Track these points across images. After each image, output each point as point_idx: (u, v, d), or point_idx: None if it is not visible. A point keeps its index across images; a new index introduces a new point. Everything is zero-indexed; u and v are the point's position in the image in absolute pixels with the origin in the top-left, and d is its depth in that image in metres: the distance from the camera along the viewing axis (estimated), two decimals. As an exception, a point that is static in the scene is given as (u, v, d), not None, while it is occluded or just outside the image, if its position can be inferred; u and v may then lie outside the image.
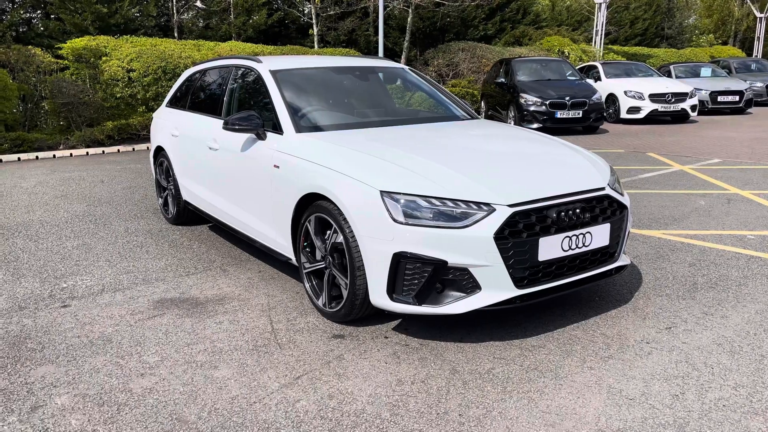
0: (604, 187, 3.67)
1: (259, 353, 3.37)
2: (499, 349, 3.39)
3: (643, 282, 4.38)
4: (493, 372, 3.13)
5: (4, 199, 7.57)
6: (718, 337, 3.48)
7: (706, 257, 4.91)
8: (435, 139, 4.19)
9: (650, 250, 5.13)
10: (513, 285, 3.29)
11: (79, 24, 15.10)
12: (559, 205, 3.41)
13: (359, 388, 2.99)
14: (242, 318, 3.86)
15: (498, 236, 3.21)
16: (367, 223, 3.35)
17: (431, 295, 3.29)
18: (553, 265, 3.41)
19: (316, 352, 3.39)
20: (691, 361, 3.21)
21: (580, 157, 3.99)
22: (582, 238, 3.47)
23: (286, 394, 2.94)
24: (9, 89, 11.85)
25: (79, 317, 3.91)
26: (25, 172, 9.70)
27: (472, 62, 18.66)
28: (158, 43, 13.89)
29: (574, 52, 21.11)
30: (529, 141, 4.37)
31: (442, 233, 3.20)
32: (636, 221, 6.06)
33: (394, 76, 5.32)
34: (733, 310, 3.86)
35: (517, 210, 3.28)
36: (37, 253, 5.32)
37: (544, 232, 3.33)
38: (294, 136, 4.13)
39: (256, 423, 2.71)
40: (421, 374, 3.12)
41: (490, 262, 3.22)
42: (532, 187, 3.43)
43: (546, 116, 13.46)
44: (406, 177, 3.40)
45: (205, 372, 3.17)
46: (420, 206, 3.26)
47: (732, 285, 4.29)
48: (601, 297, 4.11)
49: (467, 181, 3.39)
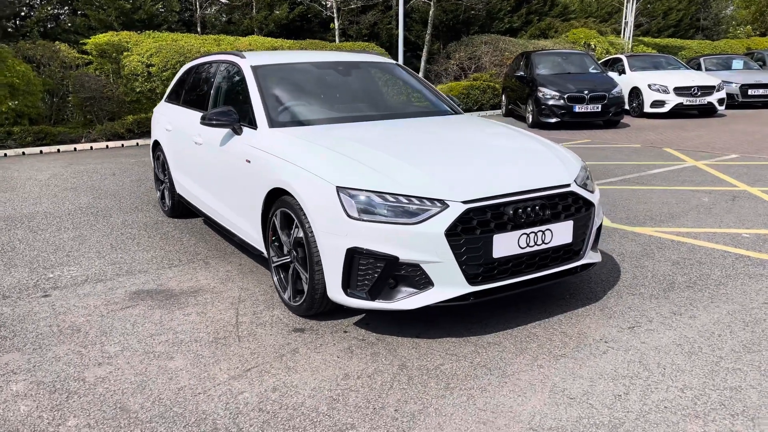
0: (569, 184, 3.63)
1: (217, 345, 3.44)
2: (454, 345, 3.38)
3: (619, 280, 4.31)
4: (441, 368, 3.13)
5: (16, 191, 7.82)
6: (679, 337, 3.42)
7: (692, 256, 4.80)
8: (405, 135, 4.19)
9: (637, 247, 5.04)
10: (466, 282, 3.28)
11: (103, 20, 15.45)
12: (517, 202, 3.38)
13: (305, 382, 3.03)
14: (210, 310, 3.93)
15: (450, 233, 3.20)
16: (323, 219, 3.38)
17: (384, 290, 3.31)
18: (510, 262, 3.39)
19: (272, 345, 3.43)
20: (644, 361, 3.16)
21: (548, 153, 3.95)
22: (541, 235, 3.44)
23: (231, 386, 2.99)
24: (33, 84, 12.20)
25: (56, 307, 4.03)
26: (43, 164, 10.00)
27: (495, 55, 18.48)
28: (178, 39, 14.12)
29: (601, 44, 20.71)
30: (500, 137, 4.33)
31: (394, 229, 3.21)
32: (631, 218, 5.96)
33: (380, 71, 5.32)
34: (704, 310, 3.78)
35: (471, 207, 3.26)
36: (34, 243, 5.49)
37: (499, 229, 3.31)
38: (266, 131, 4.18)
39: (194, 413, 2.77)
40: (369, 369, 3.14)
41: (441, 259, 3.21)
42: (489, 184, 3.41)
43: (564, 110, 13.26)
44: (364, 173, 3.42)
45: (161, 362, 3.25)
46: (374, 202, 3.27)
47: (710, 284, 4.20)
48: (571, 294, 4.07)
49: (424, 178, 3.38)
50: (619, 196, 6.92)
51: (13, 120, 11.83)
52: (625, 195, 6.95)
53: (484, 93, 17.15)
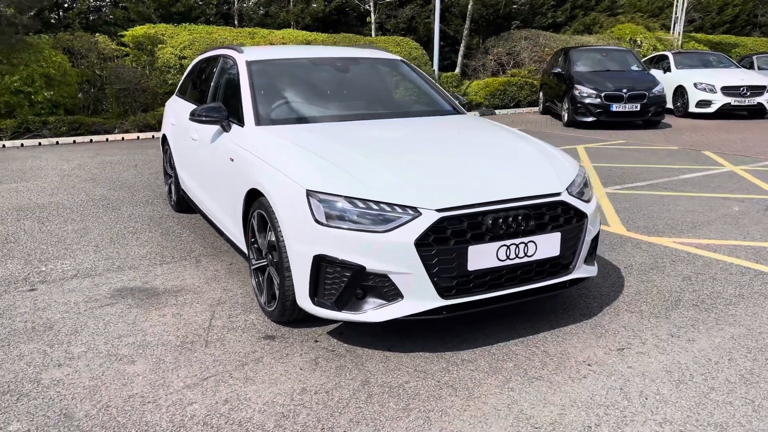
0: (559, 193, 3.38)
1: (183, 350, 3.34)
2: (425, 360, 3.20)
3: (620, 295, 4.04)
4: (406, 386, 2.96)
5: (38, 181, 7.94)
6: (671, 363, 3.15)
7: (707, 271, 4.48)
8: (393, 136, 4.01)
9: (648, 259, 4.74)
10: (437, 295, 3.09)
11: (142, 12, 15.67)
12: (497, 212, 3.16)
13: (259, 395, 2.89)
14: (187, 312, 3.84)
15: (420, 243, 3.01)
16: (293, 223, 3.24)
17: (351, 301, 3.14)
18: (488, 275, 3.18)
19: (238, 352, 3.31)
20: (626, 388, 2.91)
21: (541, 159, 3.70)
22: (524, 247, 3.21)
23: (184, 396, 2.88)
24: (68, 75, 12.44)
25: (37, 302, 4.01)
26: (73, 154, 10.17)
27: (534, 51, 18.00)
28: (213, 31, 14.20)
29: (648, 40, 19.95)
30: (493, 140, 4.10)
31: (361, 237, 3.04)
32: (649, 226, 5.62)
33: (383, 68, 5.12)
34: (706, 333, 3.48)
35: (445, 215, 3.06)
36: (37, 235, 5.52)
37: (475, 239, 3.10)
38: (252, 129, 4.06)
39: (137, 425, 2.67)
40: (329, 384, 2.99)
41: (410, 270, 3.03)
42: (469, 191, 3.20)
43: (600, 109, 12.80)
44: (337, 177, 3.25)
45: (120, 366, 3.17)
46: (343, 208, 3.10)
47: (720, 304, 3.88)
48: (564, 310, 3.82)
49: (400, 183, 3.20)
50: (642, 202, 6.57)
51: (49, 110, 12.08)
52: (649, 201, 6.59)
53: (522, 90, 16.73)
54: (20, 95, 11.69)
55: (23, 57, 11.77)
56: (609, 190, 7.16)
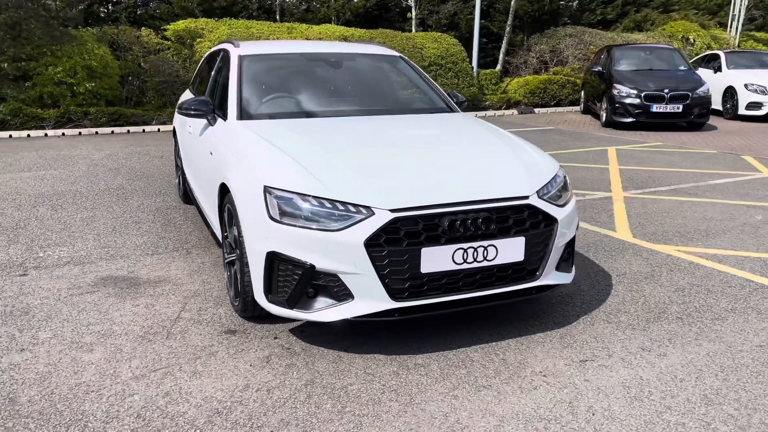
0: (526, 196, 3.26)
1: (143, 341, 3.38)
2: (377, 363, 3.14)
3: (603, 304, 3.88)
4: (349, 388, 2.91)
5: (66, 169, 8.22)
6: (632, 378, 2.99)
7: (704, 282, 4.25)
8: (367, 134, 3.95)
9: (645, 267, 4.53)
10: (388, 296, 3.02)
11: (185, 6, 16.03)
12: (456, 213, 3.07)
13: (201, 390, 2.89)
14: (160, 303, 3.88)
15: (371, 243, 2.95)
16: (251, 219, 3.23)
17: (302, 299, 3.11)
18: (443, 278, 3.09)
19: (196, 345, 3.33)
20: (575, 403, 2.78)
21: (514, 160, 3.57)
22: (483, 251, 3.11)
23: (127, 387, 2.91)
24: (110, 67, 12.82)
25: (24, 287, 4.13)
26: (107, 144, 10.49)
27: (579, 49, 17.53)
28: (251, 26, 14.38)
29: (701, 38, 19.15)
30: (470, 140, 3.99)
31: (312, 235, 3.01)
32: (658, 233, 5.38)
33: (380, 64, 5.05)
34: (681, 348, 3.30)
35: (399, 216, 2.99)
36: (46, 222, 5.70)
37: (430, 241, 3.02)
38: (233, 123, 4.08)
39: (74, 413, 2.71)
40: (274, 382, 2.96)
41: (360, 270, 2.98)
42: (426, 191, 3.12)
43: (640, 110, 12.36)
44: (295, 173, 3.22)
45: (78, 354, 3.22)
46: (297, 205, 3.07)
47: (707, 318, 3.68)
48: (537, 317, 3.69)
49: (357, 182, 3.14)
50: (659, 207, 6.30)
51: (91, 101, 12.48)
52: (667, 207, 6.32)
53: (563, 88, 16.34)
54: (63, 86, 12.11)
55: (67, 49, 12.19)
56: (627, 194, 6.90)
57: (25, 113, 11.74)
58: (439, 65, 14.89)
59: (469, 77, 15.27)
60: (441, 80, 14.88)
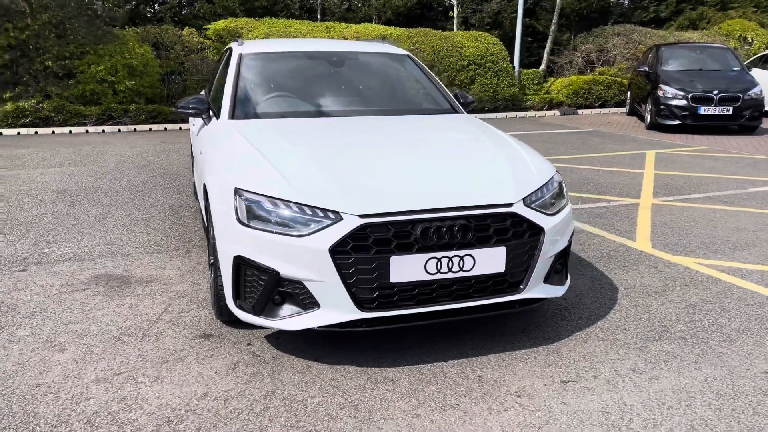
0: (510, 204, 3.06)
1: (116, 342, 3.33)
2: (345, 375, 3.00)
3: (602, 320, 3.63)
4: (308, 401, 2.78)
5: (95, 165, 8.38)
6: (615, 403, 2.76)
7: (720, 299, 3.94)
8: (354, 135, 3.81)
9: (658, 281, 4.25)
10: (355, 306, 2.88)
11: (227, 6, 16.22)
12: (430, 220, 2.90)
13: (158, 396, 2.82)
14: (145, 303, 3.85)
15: (337, 250, 2.82)
16: (221, 221, 3.14)
17: (268, 306, 3.00)
18: (415, 288, 2.93)
19: (167, 349, 3.27)
20: (545, 428, 2.58)
21: (503, 166, 3.36)
22: (458, 261, 2.93)
23: (86, 390, 2.86)
24: (150, 66, 13.06)
25: (19, 283, 4.17)
26: (141, 141, 10.67)
27: (627, 48, 16.92)
28: (290, 25, 14.43)
29: (760, 37, 18.19)
30: (462, 142, 3.81)
31: (278, 240, 2.89)
32: (681, 244, 5.06)
33: (385, 63, 4.90)
34: (677, 371, 3.04)
35: (368, 222, 2.85)
36: (61, 217, 5.79)
37: (401, 249, 2.86)
38: (225, 122, 4.01)
39: (27, 415, 2.67)
40: (234, 391, 2.86)
41: (325, 278, 2.84)
42: (399, 197, 2.96)
43: (686, 112, 11.81)
44: (266, 175, 3.12)
45: (49, 354, 3.20)
46: (266, 209, 2.97)
47: (714, 338, 3.39)
48: (527, 331, 3.48)
49: (329, 186, 3.01)
50: (688, 216, 5.94)
51: (131, 99, 12.75)
52: (697, 215, 5.96)
53: (609, 89, 15.80)
54: (104, 84, 12.41)
55: (109, 48, 12.48)
56: (657, 201, 6.54)
57: (68, 110, 12.07)
58: (478, 65, 14.61)
59: (509, 77, 14.93)
60: (480, 80, 14.60)
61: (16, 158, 8.94)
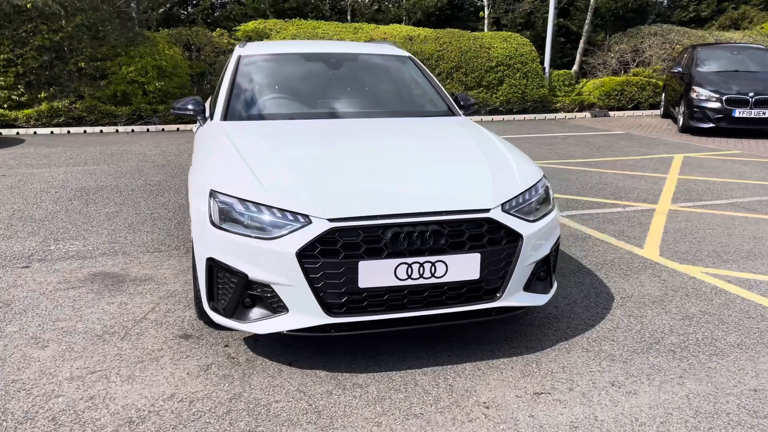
0: (487, 209, 2.99)
1: (99, 340, 3.38)
2: (315, 380, 2.97)
3: (591, 330, 3.52)
4: (272, 406, 2.76)
5: (117, 164, 8.55)
6: (585, 418, 2.66)
7: (720, 311, 3.78)
8: (338, 137, 3.79)
9: (658, 290, 4.10)
10: (322, 311, 2.85)
11: (258, 8, 16.40)
12: (400, 225, 2.85)
13: (126, 396, 2.84)
14: (134, 302, 3.89)
15: (304, 253, 2.79)
16: (197, 222, 3.16)
17: (239, 308, 3.00)
18: (385, 294, 2.88)
19: (145, 348, 3.29)
20: (506, 442, 2.50)
21: (483, 169, 3.28)
22: (430, 267, 2.88)
23: (58, 388, 2.90)
24: (180, 67, 13.29)
25: (19, 279, 4.27)
26: (166, 140, 10.86)
27: (663, 49, 16.47)
28: (318, 26, 14.50)
29: (806, 38, 17.49)
30: (447, 146, 3.74)
31: (247, 243, 2.88)
32: (690, 252, 4.88)
33: (385, 64, 4.86)
34: (659, 386, 2.92)
35: (338, 226, 2.81)
36: (73, 215, 5.91)
37: (370, 254, 2.82)
38: (216, 124, 4.03)
39: (-5, 410, 2.72)
40: (201, 393, 2.87)
41: (292, 282, 2.82)
42: (371, 200, 2.92)
43: (720, 115, 11.43)
44: (241, 178, 3.11)
45: (30, 350, 3.26)
46: (238, 210, 2.96)
47: (705, 352, 3.25)
48: (509, 340, 3.39)
49: (300, 188, 2.99)
50: (704, 223, 5.74)
51: (160, 99, 12.99)
52: (714, 222, 5.74)
53: (643, 90, 15.42)
54: (135, 85, 12.67)
55: (139, 50, 12.74)
56: (675, 207, 6.34)
57: (100, 110, 12.38)
58: (506, 66, 14.42)
59: (539, 78, 14.70)
60: (508, 81, 14.41)
61: (45, 156, 9.19)
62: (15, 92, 12.26)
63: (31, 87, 12.42)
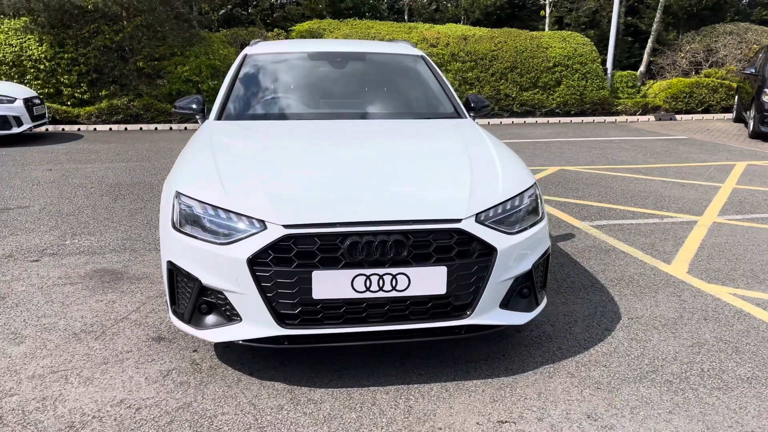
0: (458, 219, 2.77)
1: (72, 339, 3.37)
2: (270, 393, 2.84)
3: (584, 353, 3.23)
4: (216, 419, 2.65)
5: (156, 161, 8.74)
6: (544, 454, 2.41)
7: (739, 338, 3.41)
8: (319, 140, 3.62)
9: (673, 312, 3.75)
10: (275, 322, 2.71)
11: (314, 8, 16.49)
12: (360, 234, 2.68)
13: (78, 399, 2.79)
14: (122, 301, 3.88)
15: (256, 260, 2.67)
16: (164, 225, 3.08)
17: (195, 314, 2.90)
18: (342, 306, 2.72)
19: (114, 349, 3.26)
20: (449, 476, 2.29)
21: (463, 177, 3.04)
22: (390, 279, 2.69)
23: (17, 386, 2.89)
24: (234, 66, 13.51)
25: (24, 273, 4.36)
26: (211, 139, 11.03)
27: (739, 48, 15.47)
28: (372, 26, 14.42)
29: None
30: (434, 150, 3.53)
31: (201, 247, 2.78)
32: (721, 270, 4.46)
33: (394, 64, 4.66)
34: (641, 422, 2.62)
35: (293, 232, 2.67)
36: (98, 211, 6.04)
37: (325, 264, 2.66)
38: (209, 123, 3.99)
39: (-51, 406, 2.73)
40: (151, 401, 2.79)
41: (243, 290, 2.70)
42: (330, 207, 2.76)
43: (793, 119, 10.58)
44: (207, 179, 3.02)
45: (6, 346, 3.28)
46: (197, 214, 2.87)
47: (707, 385, 2.91)
48: (489, 360, 3.15)
49: (260, 193, 2.86)
50: (747, 238, 5.26)
51: (214, 98, 13.25)
52: (761, 238, 5.26)
53: (715, 92, 14.54)
54: (189, 84, 12.99)
55: (194, 50, 13.05)
56: (720, 220, 5.85)
57: (156, 108, 12.75)
58: (564, 66, 13.91)
59: (599, 79, 14.09)
60: (566, 82, 13.89)
61: (94, 152, 9.51)
62: (78, 90, 12.79)
63: (94, 85, 12.94)
